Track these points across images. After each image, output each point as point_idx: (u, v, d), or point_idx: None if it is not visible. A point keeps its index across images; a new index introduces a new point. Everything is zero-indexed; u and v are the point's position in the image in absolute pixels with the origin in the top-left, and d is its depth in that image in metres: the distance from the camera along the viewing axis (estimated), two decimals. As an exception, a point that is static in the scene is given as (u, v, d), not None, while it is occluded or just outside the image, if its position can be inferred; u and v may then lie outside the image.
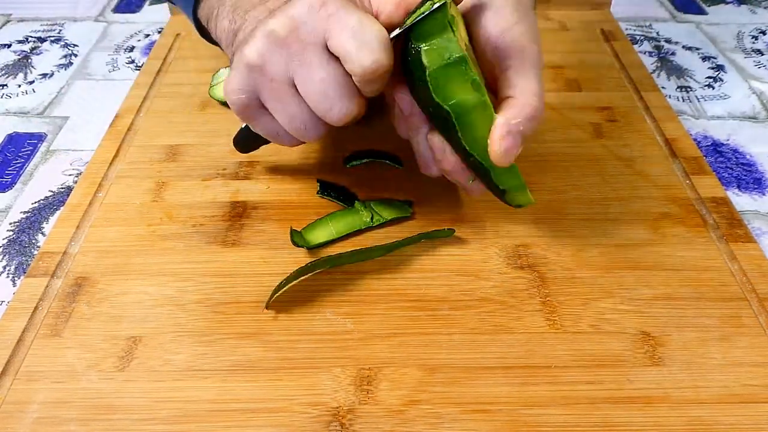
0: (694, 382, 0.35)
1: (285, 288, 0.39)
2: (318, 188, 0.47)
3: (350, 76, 0.36)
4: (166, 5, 0.73)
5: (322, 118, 0.37)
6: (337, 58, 0.35)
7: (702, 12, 0.80)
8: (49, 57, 0.71)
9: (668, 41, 0.74)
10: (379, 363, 0.36)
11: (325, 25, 0.35)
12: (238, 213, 0.46)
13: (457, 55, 0.34)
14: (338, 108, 0.36)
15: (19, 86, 0.66)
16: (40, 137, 0.58)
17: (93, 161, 0.51)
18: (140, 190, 0.48)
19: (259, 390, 0.35)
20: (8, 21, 0.79)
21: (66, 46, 0.74)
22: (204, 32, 0.49)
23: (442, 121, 0.36)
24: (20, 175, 0.54)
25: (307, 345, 0.37)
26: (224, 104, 0.57)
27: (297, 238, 0.42)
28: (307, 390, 0.35)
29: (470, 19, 0.38)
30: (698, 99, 0.63)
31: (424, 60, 0.35)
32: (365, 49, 0.34)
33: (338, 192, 0.47)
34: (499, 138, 0.35)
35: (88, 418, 0.33)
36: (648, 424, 0.33)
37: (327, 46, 0.35)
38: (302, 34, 0.35)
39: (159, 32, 0.76)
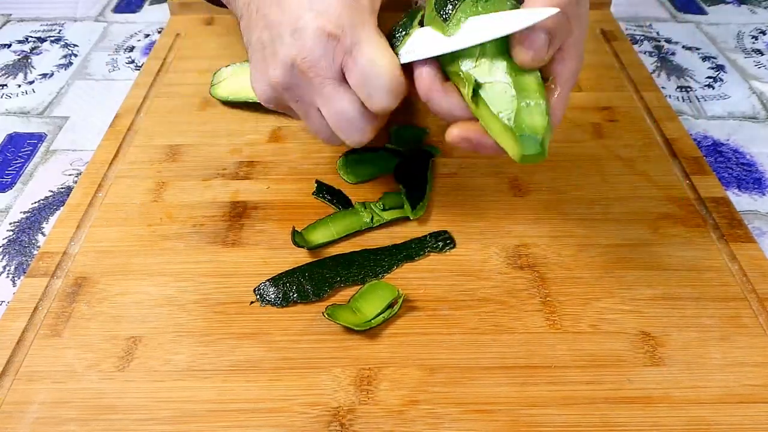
0: (694, 382, 0.35)
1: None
2: (315, 189, 0.47)
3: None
4: (165, 5, 0.73)
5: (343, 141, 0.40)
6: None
7: (702, 12, 0.80)
8: (49, 57, 0.71)
9: (668, 41, 0.74)
10: (379, 363, 0.36)
11: (341, 60, 0.36)
12: (238, 213, 0.46)
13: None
14: (356, 137, 0.39)
15: (19, 86, 0.66)
16: (40, 137, 0.59)
17: (93, 161, 0.51)
18: (140, 190, 0.48)
19: (259, 390, 0.35)
20: (8, 21, 0.79)
21: (66, 46, 0.74)
22: None
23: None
24: (20, 175, 0.54)
25: (307, 345, 0.37)
26: (225, 104, 0.57)
27: (297, 238, 0.42)
28: (307, 390, 0.35)
29: None
30: (698, 99, 0.63)
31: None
32: (377, 93, 0.36)
33: (333, 195, 0.47)
34: (519, 38, 0.33)
35: (88, 418, 0.34)
36: (648, 424, 0.33)
37: (345, 78, 0.37)
38: (321, 70, 0.37)
39: (159, 32, 0.76)
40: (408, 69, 0.37)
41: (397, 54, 0.37)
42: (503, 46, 0.34)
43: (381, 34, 0.37)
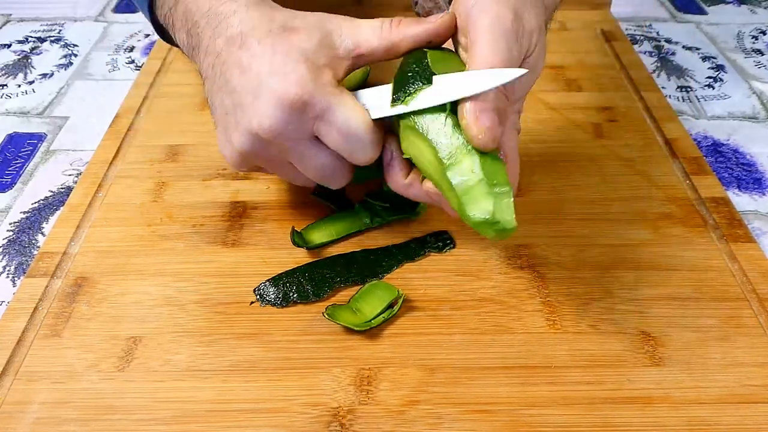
0: (694, 383, 0.35)
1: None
2: (314, 188, 0.47)
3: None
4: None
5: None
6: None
7: (702, 12, 0.80)
8: (49, 57, 0.71)
9: (668, 41, 0.74)
10: (379, 363, 0.36)
11: (312, 125, 0.35)
12: (238, 213, 0.46)
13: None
14: (337, 182, 0.39)
15: (19, 86, 0.66)
16: (40, 137, 0.59)
17: (93, 161, 0.51)
18: (140, 190, 0.48)
19: (259, 390, 0.35)
20: (8, 21, 0.79)
21: (66, 46, 0.74)
22: (163, 33, 0.46)
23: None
24: (20, 175, 0.54)
25: (307, 345, 0.37)
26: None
27: (297, 238, 0.42)
28: (307, 390, 0.35)
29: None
30: (698, 99, 0.63)
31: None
32: (359, 150, 0.36)
33: (333, 194, 0.46)
34: (474, 120, 0.32)
35: (88, 418, 0.34)
36: (648, 424, 0.33)
37: (316, 137, 0.36)
38: (290, 134, 0.35)
39: (159, 32, 0.76)
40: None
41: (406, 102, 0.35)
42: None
43: (346, 91, 0.36)
